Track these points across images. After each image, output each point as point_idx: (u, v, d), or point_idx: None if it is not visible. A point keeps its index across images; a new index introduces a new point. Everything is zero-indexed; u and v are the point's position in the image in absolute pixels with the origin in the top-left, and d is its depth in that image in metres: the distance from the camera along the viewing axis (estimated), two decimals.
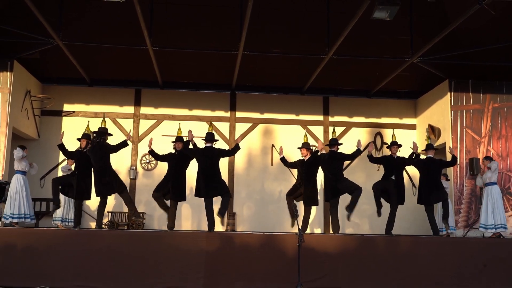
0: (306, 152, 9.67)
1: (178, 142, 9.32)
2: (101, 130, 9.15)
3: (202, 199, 8.98)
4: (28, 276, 7.22)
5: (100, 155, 8.93)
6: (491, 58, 11.54)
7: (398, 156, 9.80)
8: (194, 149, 9.10)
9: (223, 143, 13.21)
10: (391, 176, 9.71)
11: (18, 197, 9.31)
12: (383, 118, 14.13)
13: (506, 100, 12.45)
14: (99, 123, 9.61)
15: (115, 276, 7.32)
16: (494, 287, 7.82)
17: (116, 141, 9.55)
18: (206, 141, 9.15)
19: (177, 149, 9.31)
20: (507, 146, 12.25)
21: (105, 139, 9.08)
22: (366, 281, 7.64)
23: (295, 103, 13.95)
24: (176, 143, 9.34)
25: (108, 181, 8.88)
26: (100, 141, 8.97)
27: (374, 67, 12.45)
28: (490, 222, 9.71)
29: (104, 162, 8.95)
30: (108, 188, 8.95)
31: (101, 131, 9.12)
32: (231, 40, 10.80)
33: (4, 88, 11.54)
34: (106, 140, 9.13)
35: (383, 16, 8.90)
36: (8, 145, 11.37)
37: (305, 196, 9.47)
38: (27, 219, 9.45)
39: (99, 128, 9.26)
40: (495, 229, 9.70)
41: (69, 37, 10.76)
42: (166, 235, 7.89)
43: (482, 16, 9.35)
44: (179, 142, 9.31)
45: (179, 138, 9.39)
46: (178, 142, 9.34)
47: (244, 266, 7.50)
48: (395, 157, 9.78)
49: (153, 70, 12.29)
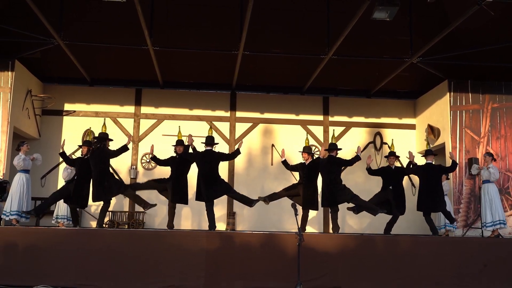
0: (307, 156, 9.65)
1: (179, 146, 9.33)
2: (101, 135, 9.15)
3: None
4: (29, 274, 7.21)
5: (100, 160, 8.93)
6: (490, 59, 11.54)
7: (396, 167, 9.97)
8: (194, 153, 9.09)
9: (223, 142, 13.20)
10: (389, 187, 9.80)
11: (18, 195, 9.31)
12: (382, 118, 14.12)
13: (505, 101, 12.44)
14: (100, 125, 9.60)
15: (115, 275, 7.31)
16: (494, 287, 7.81)
17: (117, 142, 9.54)
18: (206, 145, 9.16)
19: (178, 153, 9.30)
20: (506, 146, 12.24)
21: (105, 145, 9.07)
22: (366, 280, 7.63)
23: (295, 103, 13.94)
24: (177, 146, 9.34)
25: (108, 185, 8.89)
26: (100, 146, 8.96)
27: (373, 67, 12.44)
28: (489, 220, 9.63)
29: (103, 167, 8.95)
30: (108, 192, 8.94)
31: (102, 136, 9.12)
32: (231, 40, 10.79)
33: (5, 88, 11.53)
34: (107, 145, 9.12)
35: (383, 16, 8.90)
36: (9, 144, 11.36)
37: (305, 200, 9.43)
38: (24, 217, 9.40)
39: (99, 133, 9.27)
40: (493, 226, 9.61)
41: (70, 37, 10.75)
42: (166, 235, 7.88)
43: (481, 17, 9.34)
44: (180, 146, 9.32)
45: (179, 142, 9.37)
46: (178, 145, 9.34)
47: (244, 265, 7.49)
48: (393, 168, 9.92)
49: (154, 70, 12.27)
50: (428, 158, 9.81)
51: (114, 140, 9.56)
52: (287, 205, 11.96)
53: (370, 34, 10.92)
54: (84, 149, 9.23)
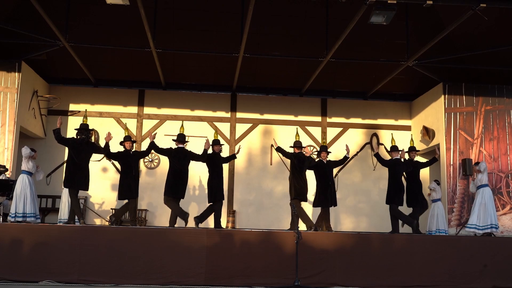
0: (326, 155, 9.93)
1: (217, 145, 9.41)
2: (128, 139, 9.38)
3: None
4: (34, 270, 7.22)
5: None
6: (484, 62, 11.57)
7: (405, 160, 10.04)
8: (208, 155, 9.20)
9: (223, 142, 13.20)
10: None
11: (22, 197, 9.22)
12: (379, 119, 14.14)
13: (498, 103, 12.47)
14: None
15: (118, 270, 7.32)
16: (486, 283, 7.82)
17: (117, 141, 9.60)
18: (214, 146, 9.30)
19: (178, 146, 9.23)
20: (499, 148, 12.26)
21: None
22: (362, 277, 7.65)
23: (294, 105, 13.96)
24: (216, 146, 9.42)
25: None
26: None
27: (370, 70, 12.47)
28: (482, 223, 9.61)
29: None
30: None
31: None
32: (232, 43, 10.81)
33: (12, 88, 11.54)
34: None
35: (379, 20, 8.92)
36: (16, 144, 11.37)
37: (333, 198, 9.76)
38: (31, 218, 9.31)
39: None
40: (484, 230, 9.61)
41: (75, 39, 10.78)
42: (168, 232, 7.89)
43: (475, 22, 9.36)
44: (218, 145, 9.42)
45: (180, 137, 9.29)
46: (216, 145, 9.44)
47: (244, 262, 7.51)
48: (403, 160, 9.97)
49: (156, 71, 12.29)
50: (410, 154, 10.01)
51: (116, 140, 9.58)
52: (285, 204, 12.03)
53: (367, 38, 10.95)
54: (127, 144, 9.22)
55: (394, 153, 9.80)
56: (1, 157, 11.15)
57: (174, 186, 8.84)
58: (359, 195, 13.49)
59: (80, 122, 9.28)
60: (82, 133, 8.88)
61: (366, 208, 13.49)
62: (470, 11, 8.79)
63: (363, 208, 13.46)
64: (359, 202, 13.47)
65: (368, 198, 13.57)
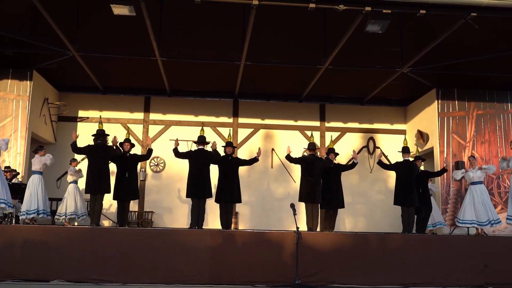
0: (334, 157, 9.69)
1: (229, 147, 9.19)
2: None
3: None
4: (45, 270, 7.21)
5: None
6: (475, 69, 11.57)
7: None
8: (218, 157, 9.12)
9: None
10: None
11: (32, 195, 9.27)
12: (375, 124, 14.16)
13: (489, 108, 12.49)
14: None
15: (127, 270, 7.31)
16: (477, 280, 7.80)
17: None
18: (226, 148, 9.19)
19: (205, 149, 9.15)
20: (490, 150, 12.27)
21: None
22: (360, 276, 7.62)
23: (294, 110, 13.97)
24: (227, 147, 9.20)
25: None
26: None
27: (367, 77, 12.47)
28: (476, 218, 9.40)
29: None
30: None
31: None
32: (234, 51, 10.82)
33: (24, 96, 11.58)
34: None
35: (375, 29, 8.94)
36: (27, 149, 11.40)
37: (341, 199, 9.58)
38: (41, 214, 9.33)
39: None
40: (490, 225, 9.36)
41: (84, 48, 10.82)
42: (173, 233, 7.89)
43: (467, 30, 9.37)
44: (230, 147, 9.19)
45: (201, 139, 9.19)
46: (228, 146, 9.19)
47: (246, 262, 7.49)
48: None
49: (162, 79, 12.32)
50: (404, 155, 9.49)
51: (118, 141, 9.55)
52: (286, 205, 12.01)
53: (363, 46, 10.96)
54: (126, 146, 9.07)
55: (405, 154, 9.50)
56: (14, 162, 11.18)
57: (191, 187, 8.77)
58: (357, 196, 13.48)
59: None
60: (98, 138, 8.88)
61: (364, 209, 13.48)
62: (461, 20, 8.81)
63: (361, 209, 13.44)
64: (357, 203, 13.45)
65: (366, 200, 13.56)
